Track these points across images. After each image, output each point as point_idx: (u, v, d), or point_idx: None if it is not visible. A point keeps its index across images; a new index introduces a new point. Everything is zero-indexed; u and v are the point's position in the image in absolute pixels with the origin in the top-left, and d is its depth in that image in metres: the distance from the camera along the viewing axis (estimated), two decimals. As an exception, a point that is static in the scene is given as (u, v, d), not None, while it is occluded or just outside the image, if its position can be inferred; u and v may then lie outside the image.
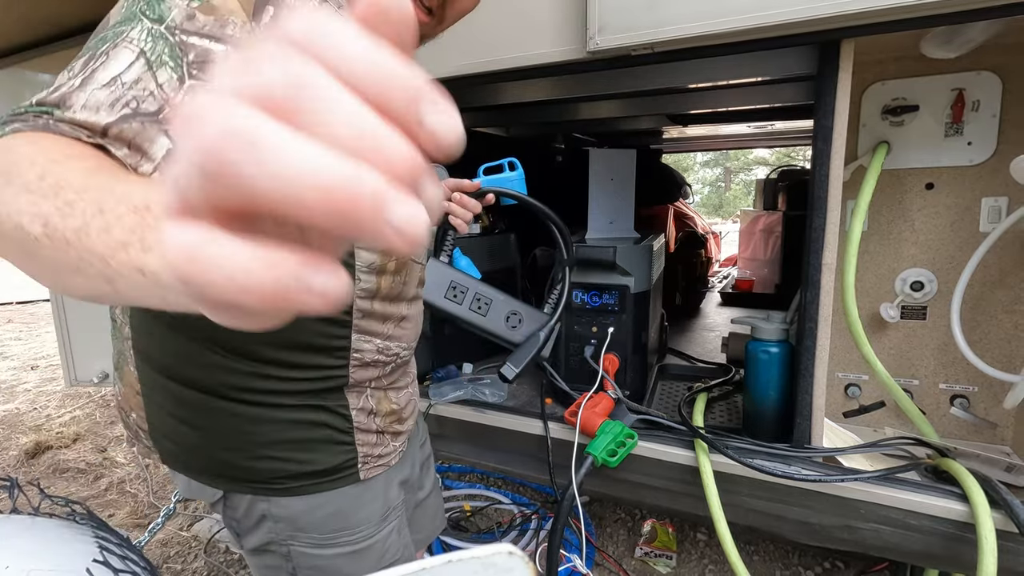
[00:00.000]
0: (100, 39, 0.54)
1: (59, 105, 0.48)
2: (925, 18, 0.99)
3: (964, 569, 1.20)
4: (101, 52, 0.52)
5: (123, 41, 0.52)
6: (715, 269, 4.46)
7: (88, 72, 0.50)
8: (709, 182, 22.34)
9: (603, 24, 1.16)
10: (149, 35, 0.53)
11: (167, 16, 0.55)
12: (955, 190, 1.42)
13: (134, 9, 0.55)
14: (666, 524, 2.11)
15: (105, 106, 0.49)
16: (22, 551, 0.90)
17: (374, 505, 0.89)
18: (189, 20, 0.55)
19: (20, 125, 0.47)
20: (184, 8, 0.56)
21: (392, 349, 0.87)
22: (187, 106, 0.18)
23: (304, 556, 0.84)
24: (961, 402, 1.48)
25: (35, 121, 0.47)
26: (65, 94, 0.48)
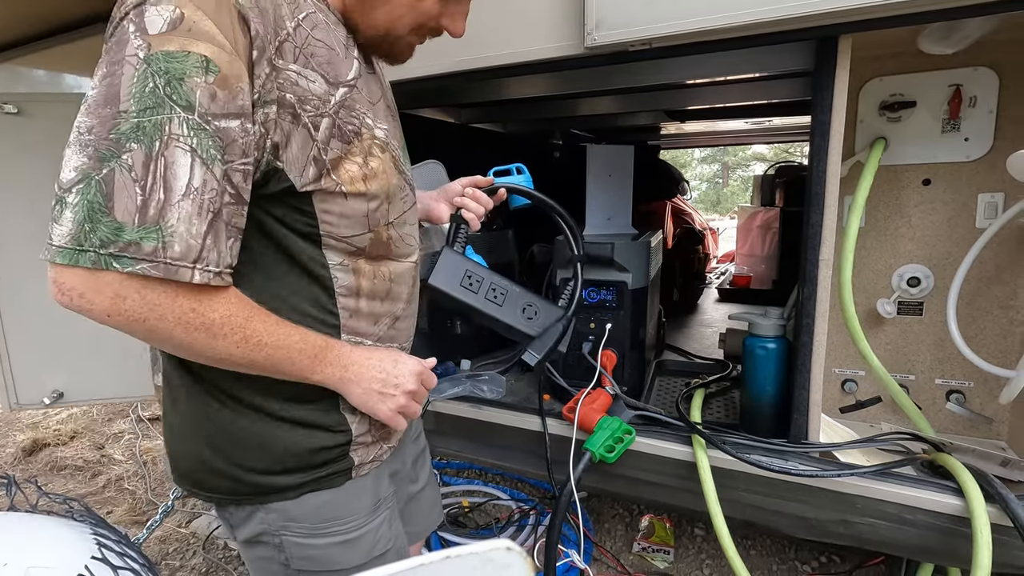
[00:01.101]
0: (135, 128, 0.57)
1: (160, 223, 0.57)
2: (922, 14, 0.98)
3: (960, 563, 1.21)
4: (156, 153, 0.57)
5: (171, 139, 0.57)
6: (713, 265, 4.46)
7: (162, 180, 0.57)
8: (707, 178, 22.34)
9: (600, 19, 1.16)
10: (189, 128, 0.58)
11: (194, 102, 0.58)
12: (952, 186, 1.43)
13: (158, 91, 0.57)
14: (664, 519, 2.12)
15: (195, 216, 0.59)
16: (20, 548, 0.89)
17: (365, 497, 0.91)
18: (212, 100, 0.59)
19: (147, 267, 0.57)
20: (205, 87, 0.59)
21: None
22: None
23: (296, 546, 0.86)
24: (957, 397, 1.48)
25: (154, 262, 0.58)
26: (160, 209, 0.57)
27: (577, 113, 2.33)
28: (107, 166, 0.56)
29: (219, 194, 0.61)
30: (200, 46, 0.59)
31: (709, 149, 17.14)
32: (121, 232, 0.57)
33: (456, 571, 0.45)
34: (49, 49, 2.16)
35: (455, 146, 2.46)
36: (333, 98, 0.72)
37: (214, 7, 0.60)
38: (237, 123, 0.61)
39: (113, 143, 0.57)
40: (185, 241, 0.59)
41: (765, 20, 1.04)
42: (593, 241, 1.59)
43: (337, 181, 0.73)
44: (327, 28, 0.75)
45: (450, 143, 2.43)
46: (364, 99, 0.79)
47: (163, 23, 0.58)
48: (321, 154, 0.71)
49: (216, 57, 0.59)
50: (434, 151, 1.80)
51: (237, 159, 0.62)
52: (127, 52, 0.58)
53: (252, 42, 0.63)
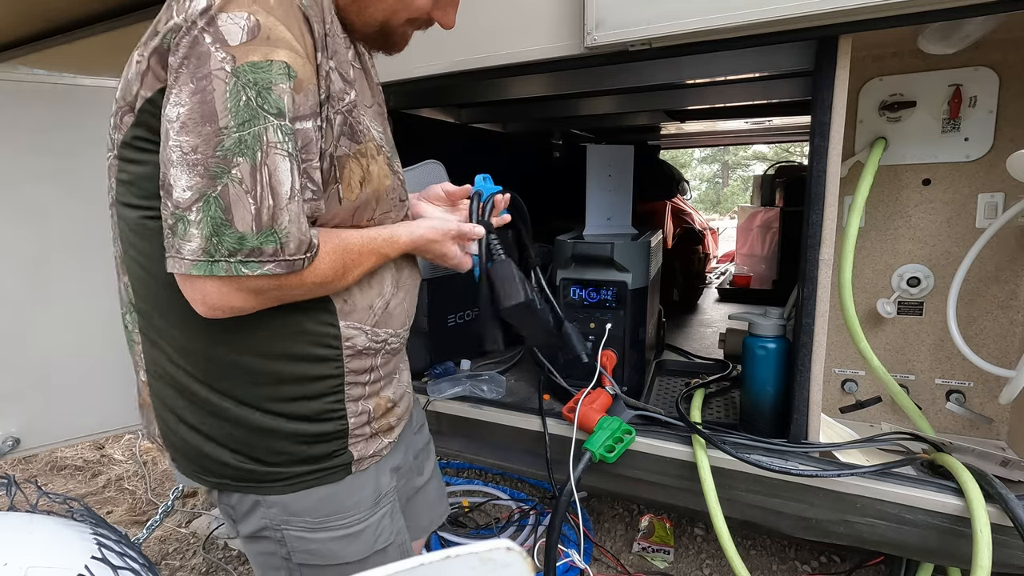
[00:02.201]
0: (239, 143, 0.61)
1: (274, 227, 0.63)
2: (922, 14, 0.99)
3: (959, 563, 1.21)
4: (262, 162, 0.62)
5: (271, 148, 0.62)
6: (713, 265, 4.46)
7: (271, 188, 0.63)
8: (707, 178, 22.33)
9: (600, 19, 1.16)
10: (283, 134, 0.62)
11: (283, 107, 0.62)
12: (952, 186, 1.43)
13: (250, 104, 0.61)
14: (664, 519, 2.12)
15: (301, 215, 0.65)
16: (20, 548, 0.89)
17: (365, 491, 0.91)
18: (294, 104, 0.63)
19: (272, 267, 0.65)
20: (287, 91, 0.62)
21: (380, 335, 0.89)
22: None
23: (298, 540, 0.87)
24: (957, 397, 1.48)
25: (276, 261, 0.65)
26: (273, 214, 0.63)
27: (577, 113, 2.33)
28: (220, 183, 0.61)
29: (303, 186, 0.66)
30: (281, 53, 0.61)
31: (709, 149, 17.15)
32: (244, 241, 0.62)
33: (456, 571, 0.45)
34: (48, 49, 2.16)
35: (455, 146, 2.46)
36: (348, 96, 0.74)
37: (283, 11, 0.62)
38: (311, 123, 0.66)
39: (221, 160, 0.61)
40: (297, 238, 0.65)
41: (765, 20, 1.04)
42: (593, 241, 1.59)
43: (338, 182, 0.75)
44: (337, 31, 0.76)
45: (450, 143, 2.43)
46: (362, 102, 0.81)
47: (241, 32, 0.60)
48: (334, 151, 0.73)
49: (294, 62, 0.62)
50: (434, 151, 1.81)
51: (314, 158, 0.67)
52: (212, 66, 0.60)
53: (315, 43, 0.66)
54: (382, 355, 0.91)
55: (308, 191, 0.68)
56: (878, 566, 1.82)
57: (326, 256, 0.73)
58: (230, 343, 0.76)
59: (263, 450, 0.82)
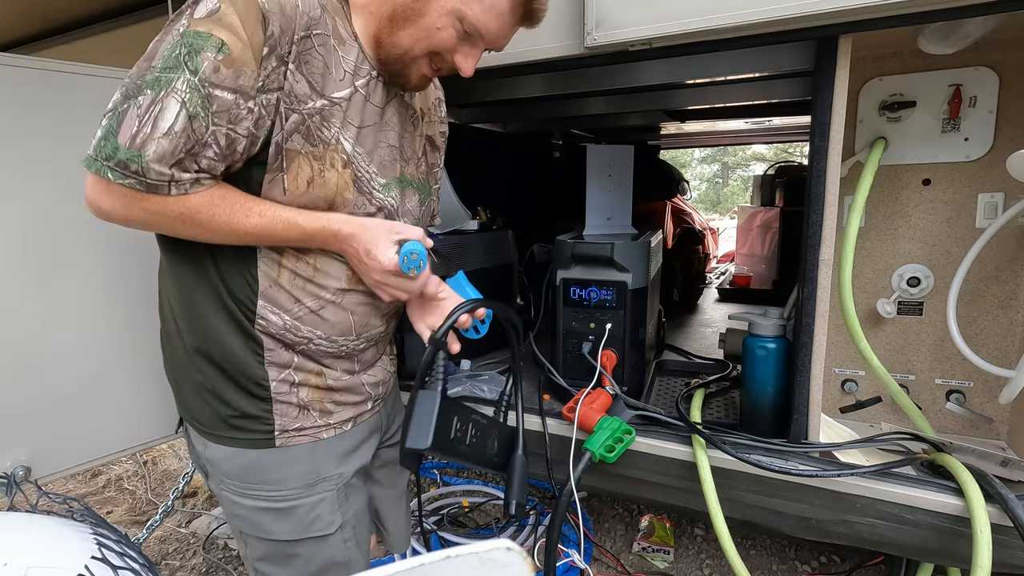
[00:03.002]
0: (155, 80, 0.74)
1: (141, 151, 0.73)
2: (922, 14, 0.99)
3: (959, 563, 1.21)
4: (159, 99, 0.73)
5: (172, 91, 0.73)
6: (712, 265, 4.46)
7: (152, 120, 0.73)
8: (707, 178, 22.32)
9: (600, 19, 1.16)
10: (188, 86, 0.73)
11: (200, 68, 0.74)
12: (952, 186, 1.43)
13: (178, 57, 0.74)
14: (664, 519, 2.12)
15: (168, 154, 0.74)
16: (20, 548, 0.89)
17: (295, 468, 0.94)
18: (215, 73, 0.74)
19: (135, 182, 0.74)
20: (212, 60, 0.74)
21: (302, 331, 0.93)
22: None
23: (230, 503, 0.95)
24: (957, 397, 1.48)
25: (139, 179, 0.74)
26: (144, 140, 0.73)
27: (577, 113, 2.32)
28: (128, 102, 0.74)
29: (194, 139, 0.75)
30: (222, 32, 0.75)
31: (709, 149, 17.13)
32: (117, 151, 0.73)
33: (456, 571, 0.45)
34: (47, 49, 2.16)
35: (455, 146, 2.46)
36: (311, 103, 0.84)
37: (244, 7, 0.76)
38: (232, 96, 0.76)
39: (137, 87, 0.74)
40: (156, 168, 0.74)
41: (765, 20, 1.04)
42: (593, 241, 1.59)
43: (283, 171, 0.84)
44: (335, 51, 0.86)
45: (450, 143, 2.43)
46: (347, 120, 0.88)
47: (205, 11, 0.75)
48: (283, 142, 0.82)
49: (230, 42, 0.75)
50: (434, 151, 1.80)
51: (224, 124, 0.77)
52: (175, 26, 0.76)
53: (266, 39, 0.77)
54: (302, 355, 0.94)
55: (211, 149, 0.77)
56: (878, 566, 1.82)
57: (207, 197, 0.80)
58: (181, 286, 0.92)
59: (197, 394, 0.93)
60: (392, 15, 0.88)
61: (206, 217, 0.80)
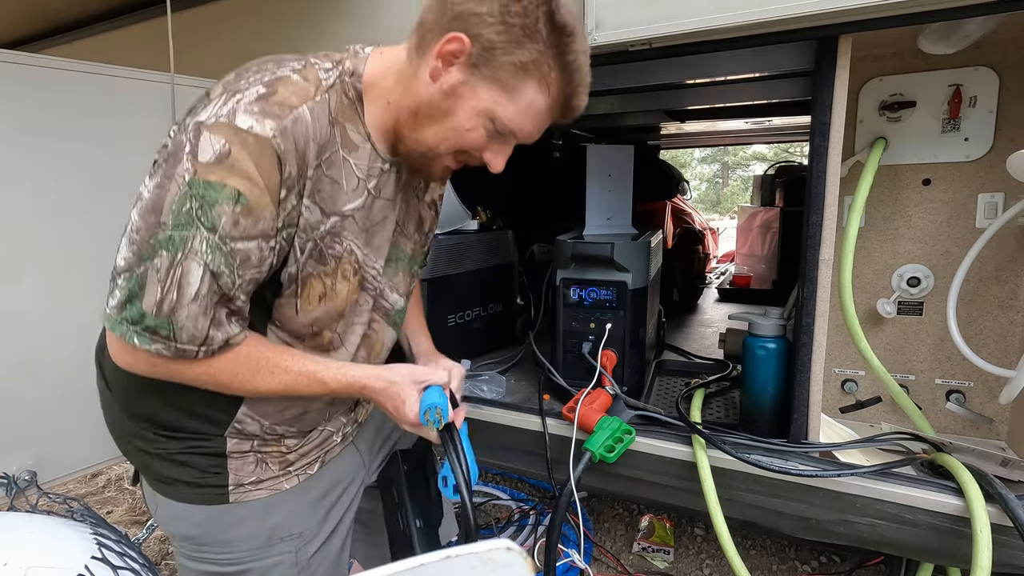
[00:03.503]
0: (168, 239, 0.68)
1: (171, 318, 0.70)
2: (922, 14, 0.99)
3: (959, 563, 1.21)
4: (177, 262, 0.69)
5: (190, 253, 0.69)
6: (713, 265, 4.46)
7: (176, 285, 0.70)
8: (707, 178, 22.32)
9: (600, 19, 1.16)
10: (208, 245, 0.69)
11: (218, 224, 0.68)
12: (952, 186, 1.42)
13: (190, 212, 0.68)
14: (664, 519, 2.12)
15: (198, 316, 0.71)
16: (21, 548, 0.89)
17: (248, 527, 0.87)
18: (235, 226, 0.69)
19: (161, 348, 0.72)
20: (230, 213, 0.69)
21: (277, 431, 0.90)
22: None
23: (183, 569, 0.89)
24: (957, 397, 1.48)
25: (167, 344, 0.72)
26: (172, 307, 0.70)
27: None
28: (144, 265, 0.69)
29: (222, 294, 0.73)
30: (236, 180, 0.68)
31: (709, 149, 17.14)
32: (144, 318, 0.70)
33: (456, 571, 0.45)
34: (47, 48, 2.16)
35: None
36: (323, 226, 0.81)
37: (257, 149, 0.69)
38: (254, 244, 0.72)
39: (151, 247, 0.69)
40: (190, 333, 0.72)
41: (765, 20, 1.04)
42: (593, 241, 1.58)
43: (297, 296, 0.82)
44: (344, 163, 0.81)
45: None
46: (358, 226, 0.85)
47: (212, 154, 0.67)
48: (298, 272, 0.80)
49: (248, 191, 0.69)
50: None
51: (251, 271, 0.74)
52: (177, 171, 0.68)
53: (283, 181, 0.72)
54: (268, 443, 0.91)
55: (239, 298, 0.75)
56: (878, 566, 1.82)
57: (233, 358, 0.78)
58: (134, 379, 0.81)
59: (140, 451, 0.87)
60: (416, 111, 0.80)
61: (228, 377, 0.78)
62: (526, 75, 0.76)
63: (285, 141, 0.70)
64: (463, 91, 0.77)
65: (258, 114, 0.69)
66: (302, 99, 0.73)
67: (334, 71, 0.80)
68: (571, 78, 0.79)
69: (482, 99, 0.77)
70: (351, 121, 0.81)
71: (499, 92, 0.77)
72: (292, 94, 0.73)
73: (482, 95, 0.77)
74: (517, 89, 0.77)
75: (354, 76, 0.81)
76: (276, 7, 1.62)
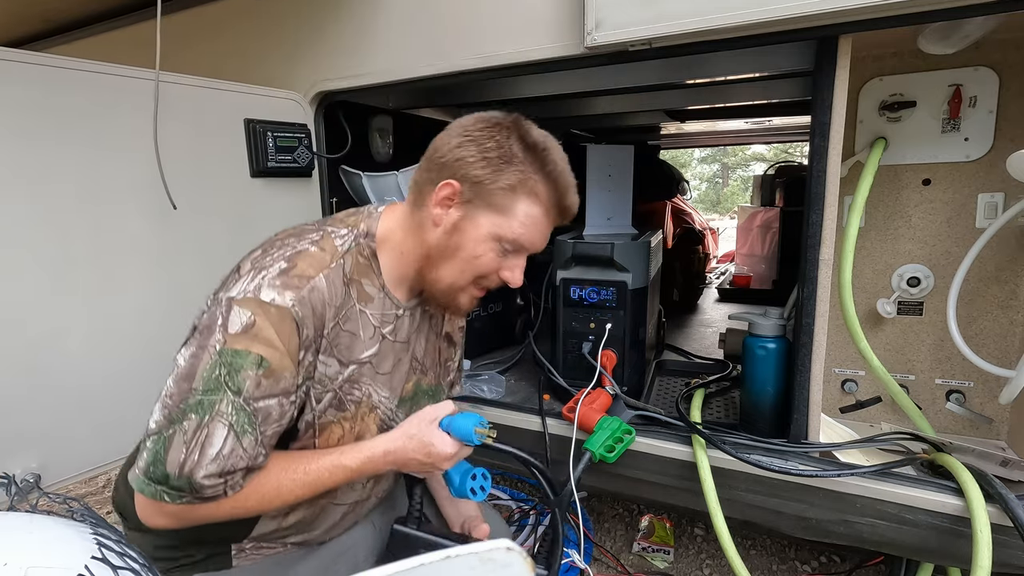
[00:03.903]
0: (198, 403, 0.75)
1: (191, 478, 0.74)
2: (922, 14, 0.98)
3: (959, 563, 1.21)
4: (204, 424, 0.74)
5: (217, 416, 0.75)
6: (713, 265, 4.46)
7: (199, 447, 0.74)
8: (707, 178, 22.30)
9: (600, 20, 1.16)
10: (233, 408, 0.75)
11: (243, 387, 0.75)
12: (952, 186, 1.42)
13: (219, 378, 0.75)
14: (664, 519, 2.12)
15: (218, 474, 0.75)
16: (21, 548, 0.89)
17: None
18: (257, 387, 0.76)
19: (191, 499, 0.76)
20: (253, 376, 0.76)
21: (276, 548, 0.95)
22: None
23: None
24: (957, 397, 1.48)
25: (191, 497, 0.76)
26: (193, 468, 0.74)
27: (577, 113, 2.33)
28: (173, 428, 0.75)
29: (245, 453, 0.78)
30: (259, 347, 0.76)
31: (709, 149, 17.13)
32: (168, 479, 0.75)
33: (456, 571, 0.45)
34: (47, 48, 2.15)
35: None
36: (341, 376, 0.87)
37: (278, 318, 0.77)
38: (275, 401, 0.79)
39: (181, 411, 0.75)
40: (211, 487, 0.76)
41: (765, 20, 1.04)
42: (593, 241, 1.59)
43: (316, 437, 0.88)
44: (360, 316, 0.88)
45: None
46: (376, 371, 0.92)
47: (240, 326, 0.76)
48: (316, 419, 0.86)
49: (269, 356, 0.77)
50: (434, 151, 1.80)
51: (272, 426, 0.79)
52: (210, 342, 0.76)
53: (301, 343, 0.80)
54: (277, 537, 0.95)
55: (261, 452, 0.79)
56: (878, 566, 1.82)
57: (256, 486, 0.81)
58: None
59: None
60: (429, 255, 0.88)
61: (255, 503, 0.82)
62: (515, 194, 0.85)
63: (303, 308, 0.79)
64: (465, 225, 0.85)
65: (280, 287, 0.78)
66: (318, 269, 0.82)
67: (349, 235, 0.89)
68: (556, 183, 0.87)
69: (483, 226, 0.85)
70: (366, 276, 0.90)
71: (496, 215, 0.85)
72: (309, 266, 0.82)
73: (482, 223, 0.85)
74: (511, 208, 0.85)
75: (368, 236, 0.90)
76: (277, 7, 1.62)
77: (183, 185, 1.26)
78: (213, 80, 1.33)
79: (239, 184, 1.41)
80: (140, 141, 1.22)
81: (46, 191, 1.15)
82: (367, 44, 1.49)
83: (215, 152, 1.36)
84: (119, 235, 1.22)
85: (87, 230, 1.19)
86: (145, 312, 1.28)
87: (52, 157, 1.15)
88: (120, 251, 1.23)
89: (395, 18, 1.45)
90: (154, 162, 1.23)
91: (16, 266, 1.13)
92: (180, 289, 1.30)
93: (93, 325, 1.24)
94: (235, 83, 1.38)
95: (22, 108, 1.11)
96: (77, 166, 1.17)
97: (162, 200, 1.25)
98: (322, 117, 1.61)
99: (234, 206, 1.40)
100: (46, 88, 1.13)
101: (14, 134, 1.10)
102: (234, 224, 1.39)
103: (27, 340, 1.17)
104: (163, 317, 1.30)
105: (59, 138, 1.15)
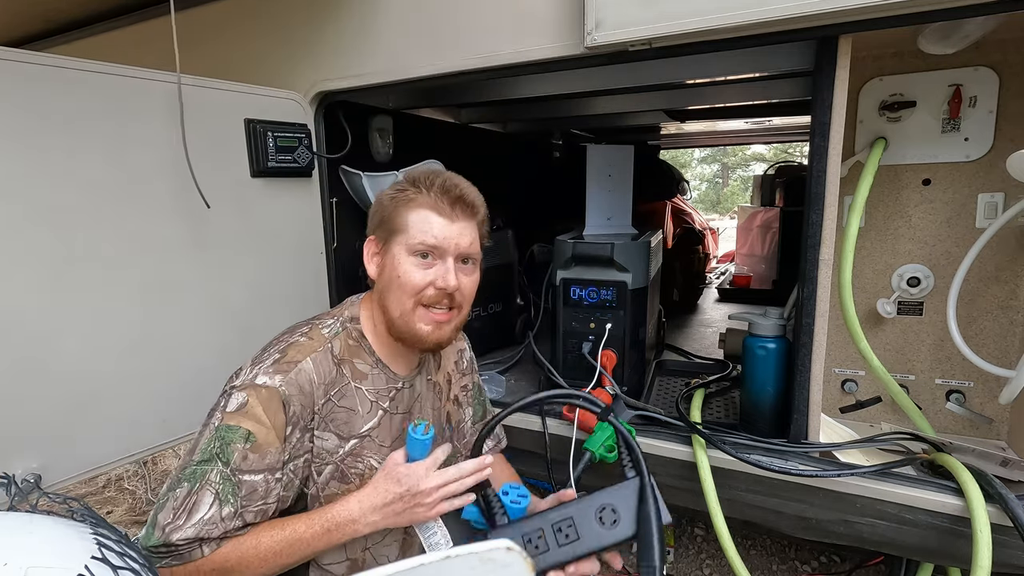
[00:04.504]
0: (192, 473, 0.84)
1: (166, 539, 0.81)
2: (922, 14, 0.98)
3: (959, 563, 1.21)
4: (195, 490, 0.83)
5: (206, 483, 0.84)
6: (713, 265, 4.46)
7: (186, 512, 0.83)
8: (707, 178, 22.31)
9: (600, 20, 1.16)
10: (220, 477, 0.84)
11: (231, 459, 0.85)
12: (952, 186, 1.42)
13: (213, 448, 0.85)
14: (664, 519, 2.12)
15: (192, 537, 0.82)
16: (20, 548, 0.89)
17: None
18: (244, 460, 0.85)
19: (171, 560, 0.83)
20: (241, 450, 0.85)
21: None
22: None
23: None
24: (957, 397, 1.48)
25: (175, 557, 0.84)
26: (172, 530, 0.82)
27: (577, 113, 2.33)
28: (169, 494, 0.85)
29: (222, 522, 0.84)
30: (248, 423, 0.86)
31: (709, 149, 17.13)
32: (150, 539, 0.83)
33: (456, 571, 0.45)
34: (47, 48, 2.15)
35: (455, 146, 2.46)
36: (342, 449, 0.95)
37: (267, 397, 0.88)
38: (260, 477, 0.87)
39: (178, 480, 0.86)
40: (187, 549, 0.83)
41: (765, 20, 1.04)
42: (593, 241, 1.59)
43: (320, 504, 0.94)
44: (356, 393, 0.97)
45: (450, 143, 2.43)
46: (378, 444, 0.99)
47: (236, 406, 0.88)
48: (319, 491, 0.94)
49: (256, 431, 0.86)
50: (434, 151, 1.81)
51: (256, 503, 0.86)
52: (212, 421, 0.88)
53: (288, 420, 0.89)
54: None
55: (238, 522, 0.85)
56: (878, 566, 1.82)
57: (234, 541, 0.87)
58: None
59: None
60: (381, 304, 0.99)
61: (235, 563, 0.86)
62: (407, 210, 0.97)
63: (290, 388, 0.89)
64: (387, 260, 0.98)
65: (271, 373, 0.90)
66: (306, 354, 0.93)
67: (335, 323, 1.00)
68: (432, 184, 0.97)
69: (395, 249, 0.97)
70: (358, 356, 0.99)
71: (400, 235, 0.97)
72: (298, 352, 0.93)
73: (395, 249, 0.97)
74: (406, 222, 0.96)
75: (353, 320, 1.02)
76: (277, 7, 1.62)
77: (183, 185, 1.26)
78: (213, 80, 1.33)
79: (239, 184, 1.41)
80: (145, 141, 1.22)
81: (46, 190, 1.15)
82: (367, 44, 1.49)
83: (215, 152, 1.35)
84: (119, 235, 1.22)
85: (87, 230, 1.19)
86: (145, 312, 1.28)
87: (52, 157, 1.15)
88: (120, 251, 1.23)
89: (395, 18, 1.45)
90: (155, 162, 1.24)
91: (16, 266, 1.13)
92: (180, 289, 1.30)
93: (93, 325, 1.23)
94: (235, 83, 1.38)
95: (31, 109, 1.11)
96: (77, 166, 1.17)
97: (162, 200, 1.26)
98: (322, 117, 1.61)
99: (234, 206, 1.39)
100: (52, 88, 1.13)
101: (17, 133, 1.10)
102: (234, 224, 1.39)
103: (27, 340, 1.17)
104: (163, 317, 1.30)
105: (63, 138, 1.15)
